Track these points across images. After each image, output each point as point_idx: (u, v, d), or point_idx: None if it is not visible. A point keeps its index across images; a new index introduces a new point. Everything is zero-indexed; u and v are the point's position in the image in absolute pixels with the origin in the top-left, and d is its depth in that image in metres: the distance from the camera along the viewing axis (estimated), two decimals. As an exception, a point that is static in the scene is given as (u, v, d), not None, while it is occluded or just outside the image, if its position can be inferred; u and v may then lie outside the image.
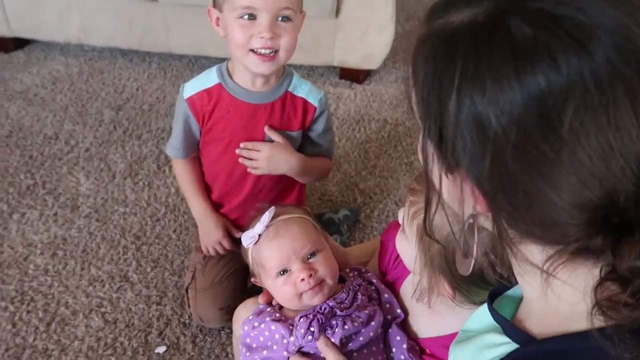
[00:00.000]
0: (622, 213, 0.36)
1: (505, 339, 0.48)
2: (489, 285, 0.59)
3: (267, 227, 0.83)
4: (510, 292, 0.57)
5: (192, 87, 1.06)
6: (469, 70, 0.37)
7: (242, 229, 0.96)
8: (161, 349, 1.14)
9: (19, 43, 2.16)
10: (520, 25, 0.36)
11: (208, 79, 1.06)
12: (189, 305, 1.17)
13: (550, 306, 0.45)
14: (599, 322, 0.39)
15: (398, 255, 0.83)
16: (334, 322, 0.76)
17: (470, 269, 0.49)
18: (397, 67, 2.11)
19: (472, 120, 0.37)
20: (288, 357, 0.75)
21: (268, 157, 1.06)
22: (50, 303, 1.23)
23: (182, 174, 1.16)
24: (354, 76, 2.00)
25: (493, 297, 0.56)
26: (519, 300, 0.55)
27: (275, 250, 0.81)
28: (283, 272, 0.81)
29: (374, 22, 1.85)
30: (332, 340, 0.73)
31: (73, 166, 1.61)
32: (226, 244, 1.14)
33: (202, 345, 1.16)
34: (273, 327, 0.76)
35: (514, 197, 0.39)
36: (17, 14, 2.00)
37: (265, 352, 0.75)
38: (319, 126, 1.12)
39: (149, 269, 1.31)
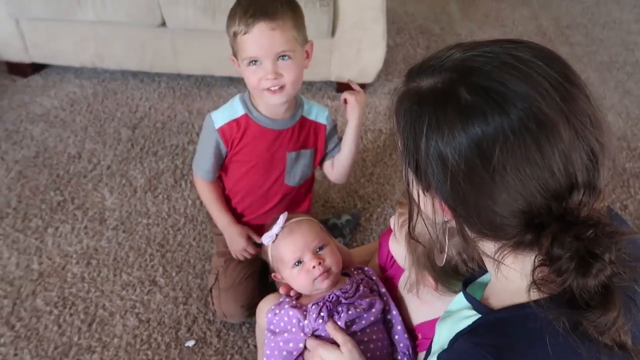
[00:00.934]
0: (539, 216, 0.53)
1: (473, 312, 0.64)
2: (463, 276, 0.76)
3: (283, 227, 1.00)
4: (480, 279, 0.74)
5: (222, 118, 1.23)
6: (433, 122, 0.55)
7: (263, 232, 1.13)
8: (191, 343, 1.30)
9: (36, 67, 2.31)
10: (464, 93, 0.54)
11: (234, 110, 1.23)
12: (212, 304, 1.33)
13: (502, 285, 0.61)
14: (535, 295, 0.56)
15: (395, 254, 0.99)
16: (339, 309, 0.92)
17: (444, 261, 0.66)
18: (390, 80, 2.28)
19: (437, 156, 0.55)
20: (305, 339, 0.91)
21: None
22: (89, 306, 1.39)
23: (207, 192, 1.33)
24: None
25: (466, 284, 0.73)
26: (484, 286, 0.71)
27: (290, 245, 0.99)
28: (298, 263, 0.98)
29: (367, 40, 2.02)
30: (339, 323, 0.90)
31: (97, 183, 1.77)
32: (251, 249, 1.31)
33: (226, 339, 1.32)
34: (291, 313, 0.93)
35: (468, 208, 0.56)
36: (36, 42, 2.16)
37: (286, 335, 0.92)
38: (334, 139, 1.33)
39: (174, 274, 1.47)
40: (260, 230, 1.30)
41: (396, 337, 0.95)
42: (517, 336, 0.55)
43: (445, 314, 0.75)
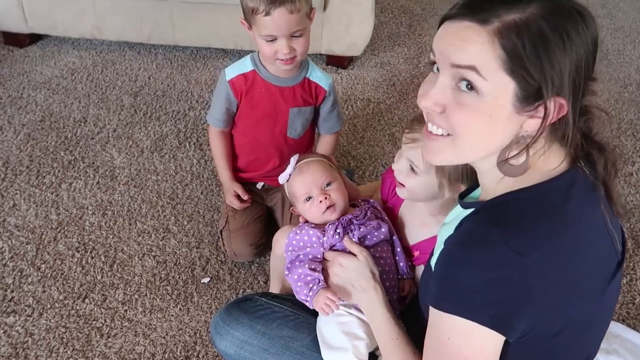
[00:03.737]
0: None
1: (469, 211, 0.79)
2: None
3: (295, 167, 1.15)
4: (472, 194, 0.89)
5: (232, 71, 1.37)
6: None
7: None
8: (206, 280, 1.44)
9: (33, 38, 2.38)
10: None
11: (244, 66, 1.37)
12: (223, 244, 1.47)
13: (499, 183, 0.74)
14: (537, 177, 0.71)
15: (395, 187, 1.15)
16: (352, 227, 1.07)
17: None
18: (376, 54, 2.43)
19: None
20: (323, 253, 1.06)
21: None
22: (109, 250, 1.50)
23: (217, 145, 1.48)
24: (339, 62, 2.31)
25: (462, 197, 0.88)
26: (477, 197, 0.87)
27: (301, 182, 1.13)
28: (308, 199, 1.12)
29: (357, 15, 2.16)
30: (354, 239, 1.05)
31: (105, 144, 1.87)
32: (236, 203, 1.47)
33: (238, 276, 1.46)
34: (311, 232, 1.07)
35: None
36: (35, 12, 2.23)
37: (307, 249, 1.06)
38: (326, 104, 1.46)
39: (185, 222, 1.60)
40: (266, 165, 1.51)
41: (396, 257, 1.10)
42: (514, 211, 0.69)
43: (442, 226, 0.91)
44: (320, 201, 1.10)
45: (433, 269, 0.78)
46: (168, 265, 1.48)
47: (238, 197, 1.47)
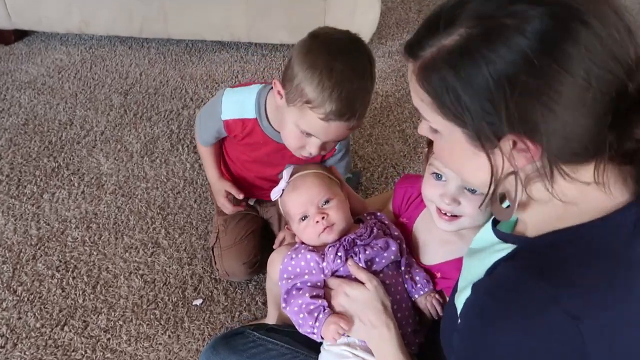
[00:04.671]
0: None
1: (507, 245, 0.64)
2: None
3: (288, 182, 0.99)
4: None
5: (232, 111, 1.15)
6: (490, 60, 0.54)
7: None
8: (198, 301, 1.30)
9: (19, 35, 2.24)
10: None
11: (245, 110, 1.15)
12: (215, 262, 1.32)
13: (540, 216, 0.59)
14: (584, 217, 0.55)
15: (409, 199, 0.99)
16: (356, 249, 0.92)
17: (514, 210, 0.62)
18: (384, 43, 2.26)
19: (504, 80, 0.53)
20: (325, 280, 0.91)
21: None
22: (92, 269, 1.37)
23: (206, 154, 1.30)
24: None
25: (495, 223, 0.73)
26: (512, 224, 0.71)
27: (295, 200, 0.98)
28: (304, 218, 0.97)
29: (361, 2, 1.99)
30: (360, 264, 0.90)
31: (92, 148, 1.73)
32: (228, 206, 1.29)
33: (234, 297, 1.32)
34: (308, 256, 0.92)
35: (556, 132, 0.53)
36: (18, 8, 2.08)
37: (305, 277, 0.91)
38: (335, 157, 1.24)
39: (176, 235, 1.46)
40: (255, 189, 1.33)
41: (416, 271, 0.94)
42: (564, 257, 0.54)
43: (469, 251, 0.75)
44: (317, 221, 0.95)
45: (458, 318, 0.63)
46: (157, 285, 1.34)
47: (231, 198, 1.30)
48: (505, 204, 0.72)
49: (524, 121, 0.52)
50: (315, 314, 0.87)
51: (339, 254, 0.91)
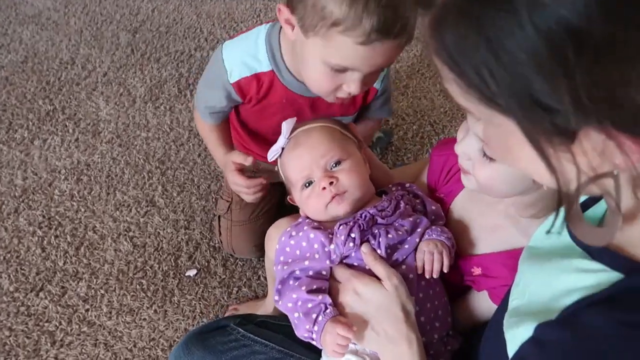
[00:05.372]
0: None
1: (596, 265, 0.41)
2: None
3: (288, 139, 0.77)
4: (590, 211, 0.49)
5: (239, 68, 0.85)
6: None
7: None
8: (192, 272, 1.12)
9: (27, -35, 2.05)
10: None
11: (258, 61, 0.84)
12: (220, 233, 1.12)
13: None
14: None
15: (449, 171, 0.76)
16: (375, 231, 0.70)
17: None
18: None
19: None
20: (331, 268, 0.70)
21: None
22: (77, 228, 1.21)
23: (211, 133, 0.97)
24: None
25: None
26: (599, 218, 0.47)
27: (296, 160, 0.76)
28: (308, 185, 0.75)
29: None
30: (378, 251, 0.69)
31: (92, 91, 1.55)
32: (247, 172, 0.90)
33: (233, 269, 1.14)
34: (312, 235, 0.71)
35: None
36: None
37: (306, 262, 0.70)
38: (377, 103, 0.96)
39: (175, 194, 1.28)
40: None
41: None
42: None
43: (529, 251, 0.53)
44: (324, 188, 0.73)
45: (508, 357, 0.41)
46: (147, 250, 1.17)
47: (243, 173, 0.89)
48: (594, 213, 0.48)
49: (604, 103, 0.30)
50: (314, 315, 0.67)
51: (352, 235, 0.70)
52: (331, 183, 0.72)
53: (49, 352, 1.00)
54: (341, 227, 0.71)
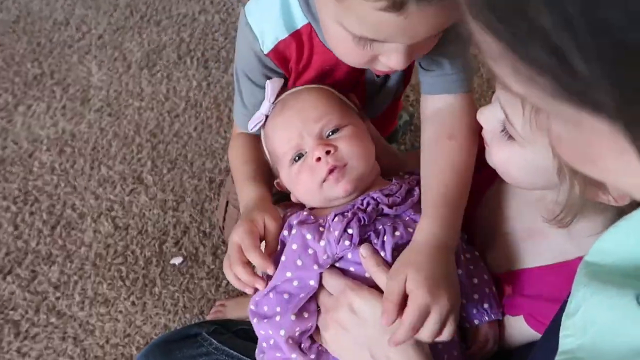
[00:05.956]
0: None
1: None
2: None
3: (274, 103, 0.63)
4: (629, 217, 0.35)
5: (274, 30, 0.62)
6: None
7: None
8: (177, 260, 1.00)
9: None
10: None
11: (292, 16, 0.62)
12: (224, 219, 0.98)
13: None
14: None
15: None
16: (380, 227, 0.55)
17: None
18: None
19: None
20: (320, 274, 0.56)
21: None
22: (55, 204, 1.09)
23: (241, 153, 0.70)
24: None
25: None
26: None
27: (283, 127, 0.60)
28: (298, 158, 0.59)
29: None
30: (382, 254, 0.54)
31: (84, 55, 1.42)
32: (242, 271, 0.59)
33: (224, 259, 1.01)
34: (294, 232, 0.56)
35: None
36: None
37: (288, 274, 0.56)
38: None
39: (165, 170, 1.15)
40: None
41: (475, 279, 0.58)
42: None
43: (586, 267, 0.38)
44: (318, 158, 0.57)
45: None
46: (130, 232, 1.05)
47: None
48: None
49: None
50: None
51: (349, 230, 0.55)
52: (328, 152, 0.57)
53: (12, 345, 0.89)
54: (336, 219, 0.55)
